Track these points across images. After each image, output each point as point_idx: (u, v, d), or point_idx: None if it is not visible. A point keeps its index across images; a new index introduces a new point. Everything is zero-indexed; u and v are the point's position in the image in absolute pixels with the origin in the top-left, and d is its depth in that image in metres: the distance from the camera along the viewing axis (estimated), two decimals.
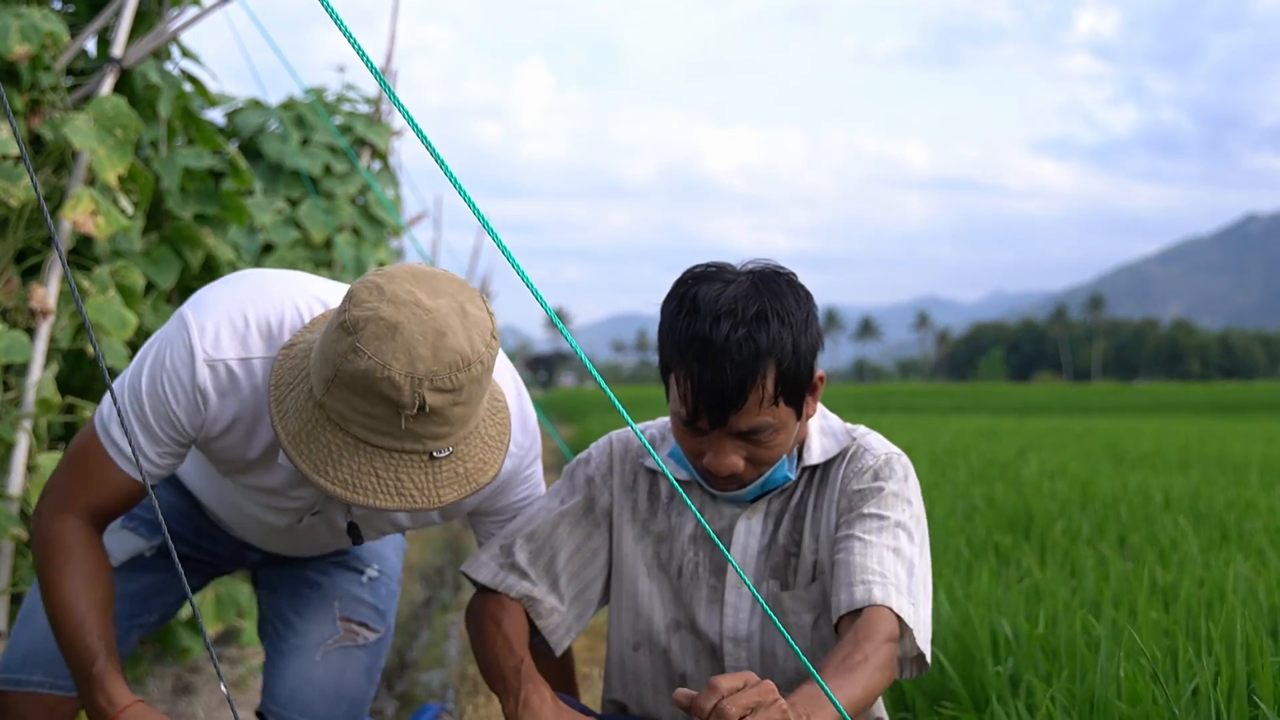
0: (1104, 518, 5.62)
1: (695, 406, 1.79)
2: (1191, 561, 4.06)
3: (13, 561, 2.94)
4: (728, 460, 1.83)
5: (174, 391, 1.81)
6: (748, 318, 1.77)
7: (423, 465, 1.65)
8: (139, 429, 1.84)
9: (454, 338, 1.59)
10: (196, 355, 1.79)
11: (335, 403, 1.62)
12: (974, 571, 3.92)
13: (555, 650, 2.03)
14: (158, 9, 3.82)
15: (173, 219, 3.90)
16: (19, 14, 3.15)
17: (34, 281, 3.18)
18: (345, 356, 1.58)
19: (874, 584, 1.77)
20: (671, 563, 1.99)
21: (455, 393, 1.60)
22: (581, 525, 2.03)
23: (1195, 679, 2.30)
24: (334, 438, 1.64)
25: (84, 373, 3.64)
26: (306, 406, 1.66)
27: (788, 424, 1.83)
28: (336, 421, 1.63)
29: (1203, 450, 11.64)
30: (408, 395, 1.57)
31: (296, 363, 1.72)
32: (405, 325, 1.57)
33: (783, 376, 1.79)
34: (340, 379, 1.60)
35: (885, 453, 1.93)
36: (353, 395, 1.60)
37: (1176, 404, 41.66)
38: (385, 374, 1.56)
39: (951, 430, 16.28)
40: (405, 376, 1.56)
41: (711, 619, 1.95)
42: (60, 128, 3.13)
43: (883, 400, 43.65)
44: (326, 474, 1.65)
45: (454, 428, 1.64)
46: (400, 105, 1.37)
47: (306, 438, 1.66)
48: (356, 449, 1.64)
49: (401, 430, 1.61)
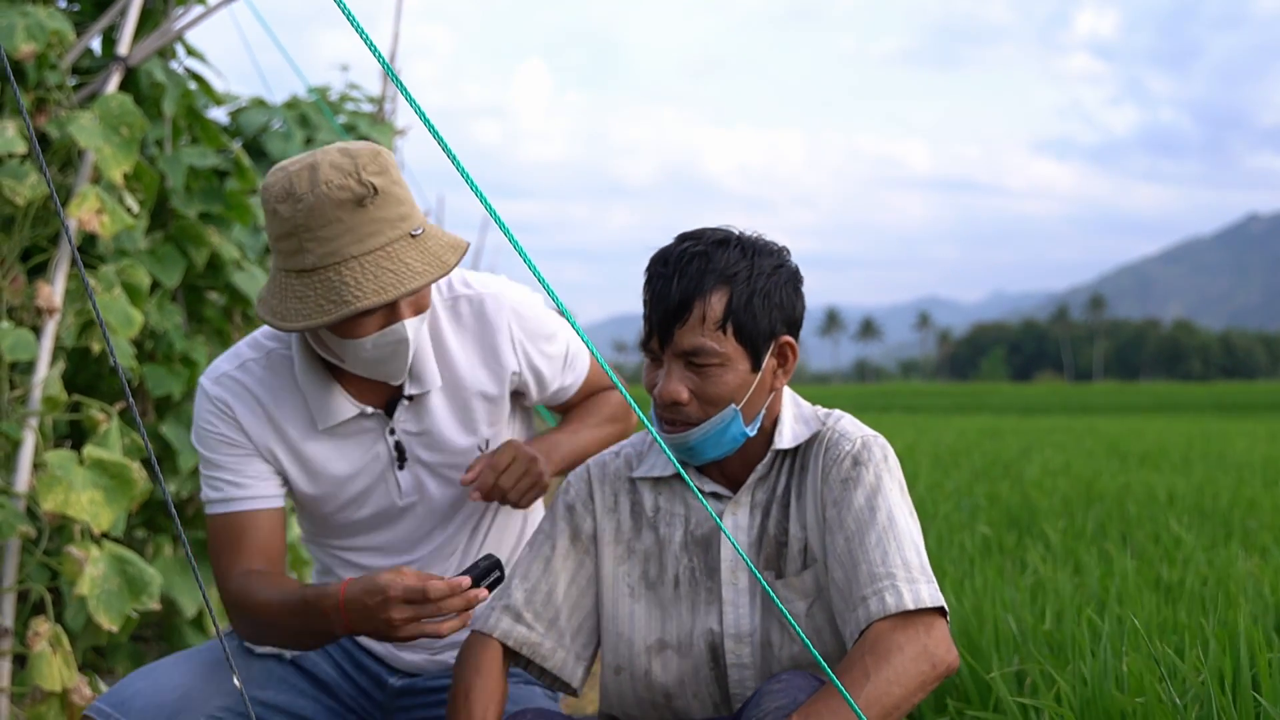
0: (1107, 515, 5.63)
1: (650, 324, 1.85)
2: (1195, 558, 4.07)
3: (19, 559, 2.94)
4: (671, 385, 1.83)
5: (207, 420, 2.12)
6: (709, 241, 1.86)
7: (369, 264, 1.88)
8: (217, 472, 2.12)
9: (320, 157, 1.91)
10: (204, 385, 2.13)
11: (289, 257, 1.91)
12: (979, 569, 3.92)
13: (574, 684, 2.03)
14: (163, 8, 3.84)
15: (177, 217, 3.91)
16: (25, 12, 3.16)
17: (40, 279, 3.18)
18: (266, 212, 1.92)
19: (885, 591, 1.76)
20: (664, 576, 1.97)
21: (326, 187, 1.86)
22: (572, 555, 2.02)
23: (1201, 674, 2.30)
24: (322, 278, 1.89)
25: (89, 371, 3.65)
26: (280, 283, 1.94)
27: (736, 365, 1.84)
28: (305, 268, 1.89)
29: (1205, 449, 11.64)
30: (287, 200, 1.88)
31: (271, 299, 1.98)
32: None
33: (733, 307, 1.82)
34: (269, 231, 1.93)
35: (860, 436, 1.91)
36: (284, 238, 1.90)
37: (1178, 404, 41.66)
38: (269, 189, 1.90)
39: (954, 430, 16.29)
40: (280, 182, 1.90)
41: (711, 620, 1.94)
42: (66, 126, 3.14)
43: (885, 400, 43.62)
44: (326, 310, 1.88)
45: (347, 221, 1.87)
46: (410, 98, 1.38)
47: (293, 309, 1.91)
48: (329, 272, 1.88)
49: (307, 237, 1.88)
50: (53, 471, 2.76)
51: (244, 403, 2.11)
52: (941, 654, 1.73)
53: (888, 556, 1.79)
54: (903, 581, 1.76)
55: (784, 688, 1.74)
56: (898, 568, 1.78)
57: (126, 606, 2.80)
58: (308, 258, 1.88)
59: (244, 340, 2.19)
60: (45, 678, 2.63)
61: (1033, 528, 5.34)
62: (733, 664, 1.93)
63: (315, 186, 1.86)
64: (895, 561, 1.78)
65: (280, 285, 1.93)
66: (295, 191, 1.87)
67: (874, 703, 1.64)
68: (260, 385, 2.12)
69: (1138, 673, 2.33)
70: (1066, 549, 4.53)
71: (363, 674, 2.30)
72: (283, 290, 1.92)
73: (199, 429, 2.14)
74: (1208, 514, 5.76)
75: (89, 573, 2.76)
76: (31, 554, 2.95)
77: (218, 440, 2.11)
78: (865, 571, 1.78)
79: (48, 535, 2.93)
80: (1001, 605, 3.19)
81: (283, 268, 1.93)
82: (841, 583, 1.82)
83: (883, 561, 1.78)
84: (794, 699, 1.71)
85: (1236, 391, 61.49)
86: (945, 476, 7.73)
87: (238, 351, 2.16)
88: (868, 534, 1.81)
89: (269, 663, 2.19)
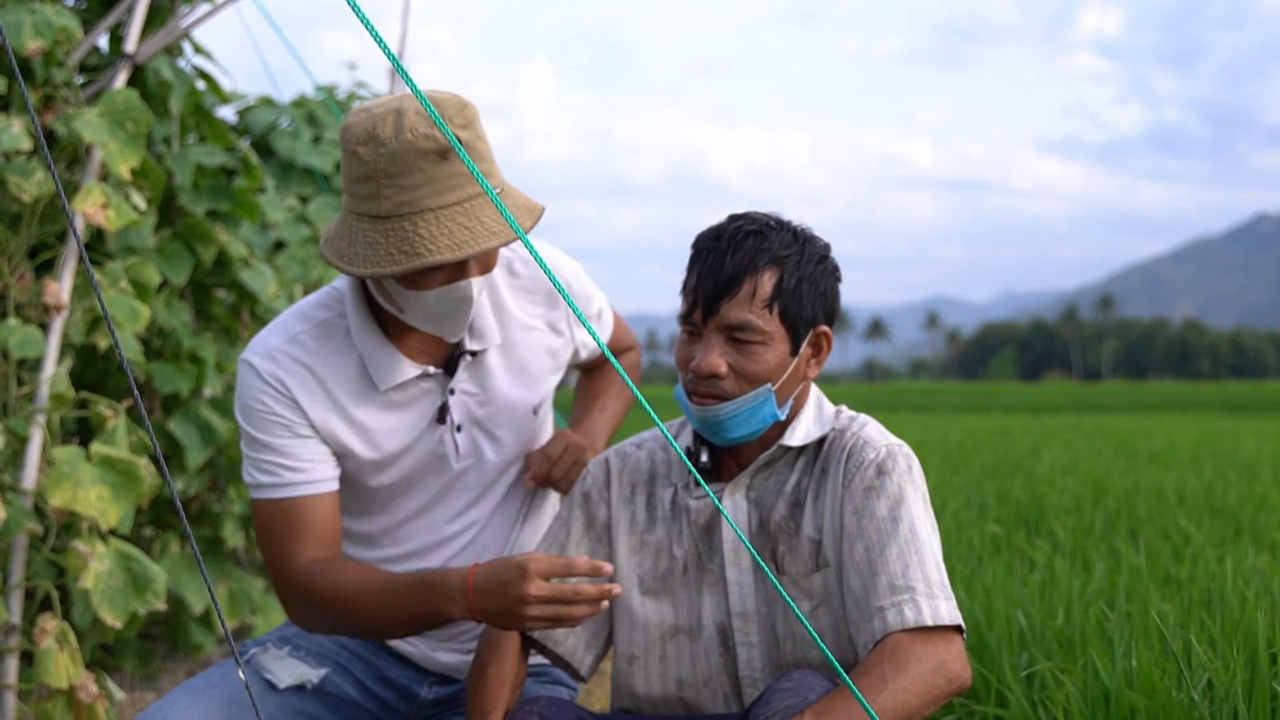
0: (1117, 513, 5.61)
1: (695, 295, 1.87)
2: (1205, 556, 4.05)
3: (26, 555, 2.94)
4: (711, 358, 1.85)
5: (257, 400, 2.03)
6: (762, 225, 1.89)
7: (459, 213, 1.87)
8: (268, 454, 2.03)
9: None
10: (253, 362, 2.04)
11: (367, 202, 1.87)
12: (988, 566, 3.91)
13: (581, 671, 2.04)
14: (170, 5, 3.84)
15: (185, 215, 3.91)
16: (32, 9, 3.16)
17: (47, 277, 3.18)
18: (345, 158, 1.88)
19: (904, 604, 1.75)
20: (674, 566, 1.98)
21: (409, 135, 1.82)
22: (585, 542, 2.04)
23: (1213, 668, 2.29)
24: (411, 225, 1.85)
25: (97, 368, 3.65)
26: (350, 225, 1.90)
27: (777, 345, 1.86)
28: (387, 214, 1.86)
29: (1215, 447, 11.60)
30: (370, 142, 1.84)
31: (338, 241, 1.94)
32: None
33: (782, 287, 1.85)
34: (346, 172, 1.90)
35: (886, 445, 1.90)
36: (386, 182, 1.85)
37: (1187, 403, 41.58)
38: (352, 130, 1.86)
39: (963, 429, 16.27)
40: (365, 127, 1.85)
41: (718, 600, 1.94)
42: (72, 122, 3.14)
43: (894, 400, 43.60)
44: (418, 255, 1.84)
45: (432, 170, 1.84)
46: (421, 95, 1.37)
47: (384, 254, 1.86)
48: (416, 219, 1.86)
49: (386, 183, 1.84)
50: (60, 468, 2.76)
51: (299, 379, 2.03)
52: (957, 670, 1.72)
53: (908, 569, 1.77)
54: (922, 596, 1.75)
55: (795, 686, 1.73)
56: (918, 581, 1.76)
57: (131, 603, 2.79)
58: (383, 204, 1.84)
59: (288, 313, 2.11)
60: (52, 675, 2.63)
61: (1042, 525, 5.32)
62: (741, 643, 1.93)
63: (400, 133, 1.82)
64: (916, 575, 1.77)
65: (350, 228, 1.90)
66: (379, 135, 1.83)
67: (888, 710, 1.63)
68: (314, 358, 2.05)
69: (1148, 669, 2.32)
70: (1076, 546, 4.52)
71: (389, 688, 2.26)
72: (352, 234, 1.89)
73: (247, 408, 2.04)
74: (1217, 511, 5.74)
75: (94, 568, 2.75)
76: (39, 551, 2.95)
77: (271, 422, 2.03)
78: (884, 583, 1.77)
79: (55, 532, 2.93)
80: (1011, 602, 3.18)
81: (355, 210, 1.89)
82: (859, 591, 1.81)
83: (903, 574, 1.77)
84: (804, 698, 1.70)
85: (1246, 391, 61.37)
86: (954, 474, 7.72)
87: (285, 325, 2.07)
88: (889, 545, 1.80)
89: (287, 696, 2.12)
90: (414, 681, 2.28)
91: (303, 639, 2.22)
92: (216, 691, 2.01)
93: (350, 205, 1.90)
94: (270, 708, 2.08)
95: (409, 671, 2.28)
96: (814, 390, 1.99)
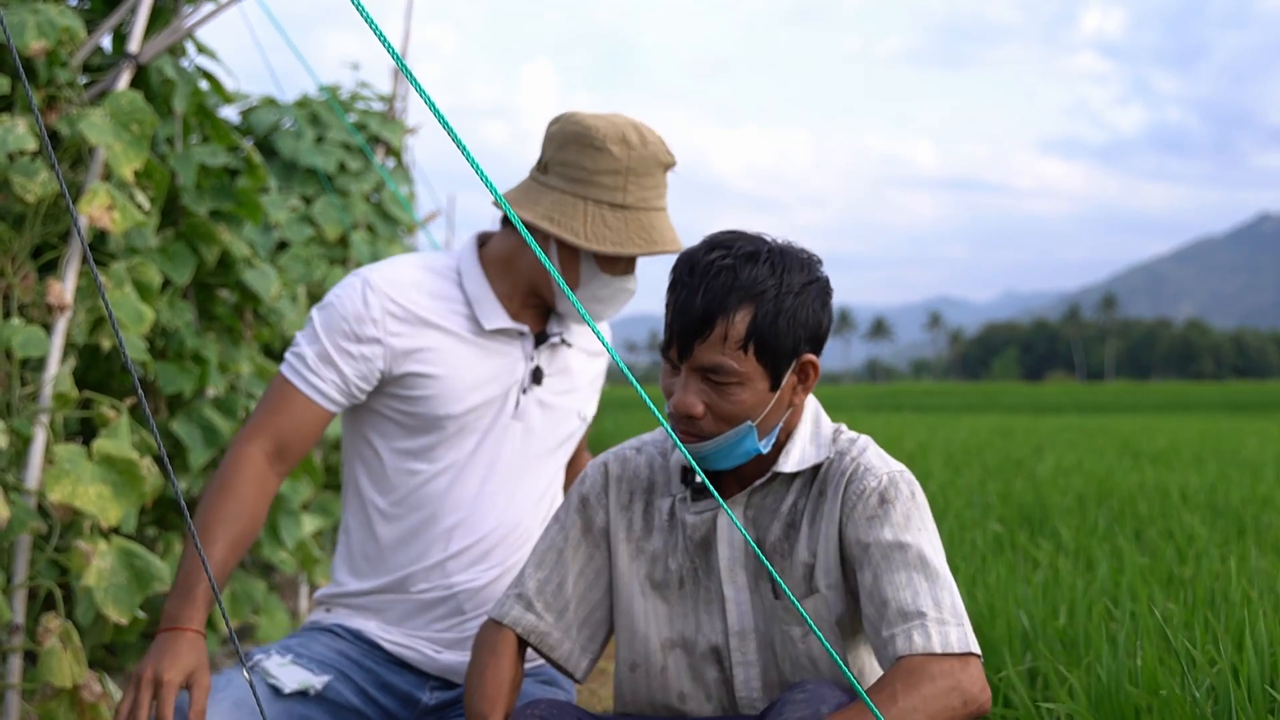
0: (1120, 512, 5.61)
1: (670, 332, 1.83)
2: (1208, 555, 4.05)
3: (30, 555, 2.94)
4: (687, 398, 1.80)
5: (352, 306, 2.24)
6: (738, 254, 1.80)
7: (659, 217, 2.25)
8: (313, 346, 2.23)
9: None
10: (369, 278, 2.26)
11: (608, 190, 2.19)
12: (991, 566, 3.91)
13: (576, 675, 2.04)
14: (173, 5, 3.84)
15: (188, 215, 3.91)
16: (35, 9, 3.16)
17: (51, 277, 3.18)
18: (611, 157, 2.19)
19: (914, 630, 1.73)
20: (670, 578, 1.97)
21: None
22: (583, 547, 2.03)
23: (1216, 668, 2.29)
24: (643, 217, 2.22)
25: (100, 368, 3.65)
26: (582, 209, 2.19)
27: (755, 384, 1.80)
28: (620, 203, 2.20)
29: (1218, 447, 11.59)
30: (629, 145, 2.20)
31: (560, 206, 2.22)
32: None
33: (757, 325, 1.77)
34: (588, 164, 2.19)
35: (887, 472, 1.86)
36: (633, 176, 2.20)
37: (1190, 403, 41.52)
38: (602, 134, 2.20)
39: (966, 429, 16.26)
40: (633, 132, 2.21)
41: (714, 619, 1.93)
42: (76, 123, 3.14)
43: (896, 400, 43.57)
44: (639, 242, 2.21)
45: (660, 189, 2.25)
46: (425, 95, 1.37)
47: (621, 237, 2.20)
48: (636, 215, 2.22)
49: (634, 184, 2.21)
50: (61, 464, 2.76)
51: (406, 299, 2.26)
52: (975, 692, 1.69)
53: (918, 596, 1.75)
54: (933, 622, 1.72)
55: (808, 697, 1.72)
56: (929, 608, 1.74)
57: (135, 600, 2.80)
58: (628, 196, 2.19)
59: (403, 256, 2.36)
60: (55, 674, 2.63)
61: (1045, 525, 5.32)
62: (738, 662, 1.92)
63: (646, 143, 2.20)
64: (926, 601, 1.74)
65: (580, 210, 2.19)
66: (629, 139, 2.19)
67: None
68: (429, 287, 2.29)
69: (1152, 668, 2.32)
70: (1079, 546, 4.51)
71: (390, 695, 2.29)
72: (584, 215, 2.19)
73: (334, 309, 2.24)
74: (1220, 511, 5.73)
75: (96, 565, 2.76)
76: (43, 550, 2.95)
77: (342, 332, 2.23)
78: (894, 610, 1.75)
79: (58, 532, 2.93)
80: (1014, 602, 3.18)
81: (592, 198, 2.19)
82: (873, 619, 1.79)
83: (913, 600, 1.75)
84: (816, 710, 1.69)
85: (1249, 391, 61.28)
86: (957, 474, 7.71)
87: (403, 260, 2.34)
88: (898, 573, 1.77)
89: (291, 703, 2.15)
90: (415, 687, 2.30)
91: (305, 648, 2.25)
92: (223, 695, 2.05)
93: (585, 193, 2.20)
94: (275, 713, 2.11)
95: (410, 677, 2.30)
96: (810, 408, 1.95)
